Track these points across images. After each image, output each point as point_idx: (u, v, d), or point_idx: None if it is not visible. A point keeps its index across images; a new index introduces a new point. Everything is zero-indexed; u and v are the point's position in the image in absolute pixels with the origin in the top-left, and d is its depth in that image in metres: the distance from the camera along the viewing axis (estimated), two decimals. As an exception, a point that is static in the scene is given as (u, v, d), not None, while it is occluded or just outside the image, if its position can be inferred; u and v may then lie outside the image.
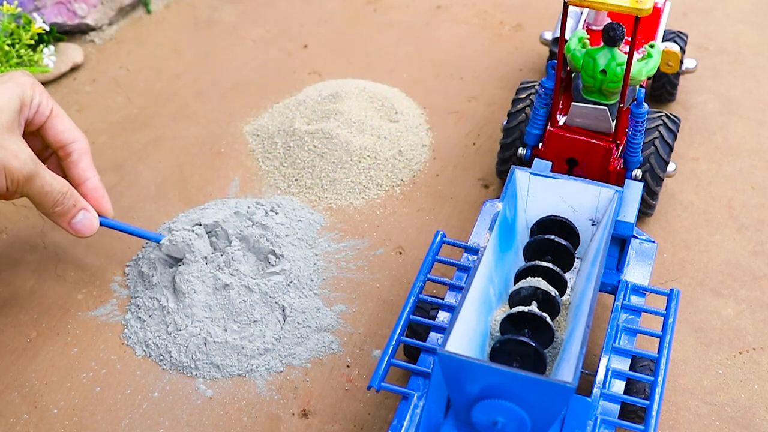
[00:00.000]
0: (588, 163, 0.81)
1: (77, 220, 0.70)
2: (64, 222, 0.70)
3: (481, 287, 0.63)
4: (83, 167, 0.73)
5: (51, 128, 0.70)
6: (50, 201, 0.67)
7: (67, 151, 0.72)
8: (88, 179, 0.73)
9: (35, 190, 0.66)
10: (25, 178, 0.64)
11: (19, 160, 0.63)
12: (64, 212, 0.69)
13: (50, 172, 0.67)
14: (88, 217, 0.71)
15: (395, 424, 0.61)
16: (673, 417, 0.71)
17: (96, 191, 0.74)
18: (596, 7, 0.71)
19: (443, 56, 1.11)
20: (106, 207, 0.75)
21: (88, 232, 0.71)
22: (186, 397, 0.72)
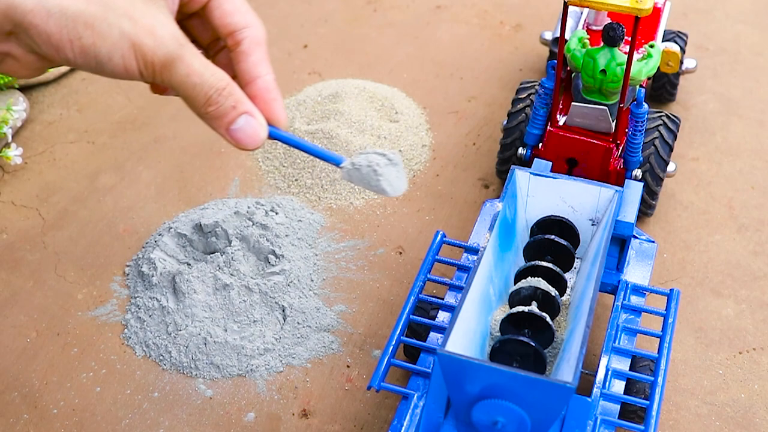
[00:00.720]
0: (588, 163, 0.81)
1: (237, 125, 0.52)
2: (221, 127, 0.52)
3: (481, 287, 0.63)
4: (254, 60, 0.54)
5: (217, 8, 0.54)
6: (201, 96, 0.50)
7: (236, 39, 0.54)
8: (259, 77, 0.55)
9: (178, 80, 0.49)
10: (162, 61, 0.48)
11: (154, 37, 0.47)
12: (219, 114, 0.52)
13: (202, 59, 0.50)
14: (251, 124, 0.52)
15: (395, 424, 0.61)
16: (673, 417, 0.71)
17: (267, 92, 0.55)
18: (596, 7, 0.71)
19: (443, 56, 1.11)
20: (278, 114, 0.55)
21: (251, 142, 0.53)
22: (186, 397, 0.72)
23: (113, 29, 0.46)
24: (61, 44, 0.46)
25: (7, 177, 0.94)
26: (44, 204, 0.91)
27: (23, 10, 0.44)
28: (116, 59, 0.47)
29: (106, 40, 0.46)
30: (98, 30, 0.46)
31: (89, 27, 0.46)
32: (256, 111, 0.53)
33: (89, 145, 0.98)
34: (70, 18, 0.45)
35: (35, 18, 0.44)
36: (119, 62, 0.47)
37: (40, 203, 0.91)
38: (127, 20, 0.47)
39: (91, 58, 0.47)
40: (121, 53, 0.47)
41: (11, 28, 0.45)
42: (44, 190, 0.92)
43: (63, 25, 0.45)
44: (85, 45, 0.46)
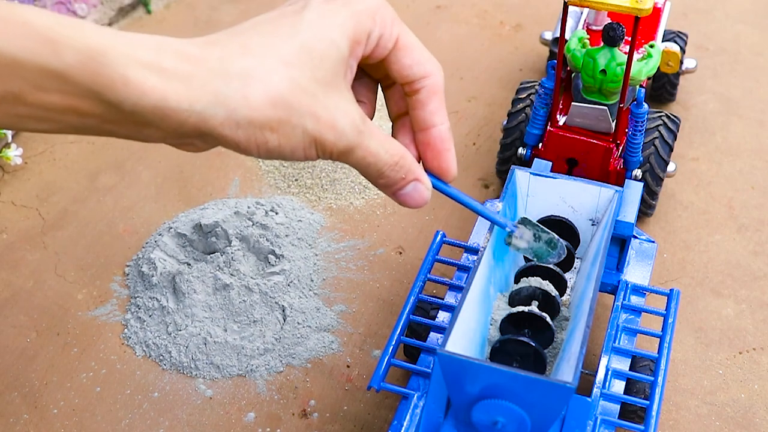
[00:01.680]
0: (588, 163, 0.81)
1: (405, 192, 0.55)
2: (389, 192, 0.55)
3: (481, 287, 0.63)
4: (430, 110, 0.55)
5: (395, 62, 0.54)
6: (374, 172, 0.53)
7: (413, 88, 0.55)
8: (434, 126, 0.56)
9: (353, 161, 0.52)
10: (341, 151, 0.50)
11: (335, 131, 0.49)
12: (389, 184, 0.54)
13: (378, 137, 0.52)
14: (418, 189, 0.55)
15: (395, 424, 0.61)
16: (673, 417, 0.71)
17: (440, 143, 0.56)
18: (596, 7, 0.71)
19: (443, 56, 1.11)
20: (447, 165, 0.57)
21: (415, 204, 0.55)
22: (186, 397, 0.72)
23: (297, 130, 0.48)
24: (248, 149, 0.48)
25: (7, 177, 0.94)
26: (44, 204, 0.91)
27: (212, 124, 0.45)
28: (298, 153, 0.49)
29: (290, 140, 0.48)
30: (283, 133, 0.47)
31: (275, 131, 0.47)
32: (424, 176, 0.55)
33: (89, 145, 0.98)
34: (258, 127, 0.47)
35: (224, 130, 0.46)
36: (301, 154, 0.49)
37: (40, 203, 0.91)
38: (310, 118, 0.48)
39: (274, 154, 0.49)
40: (303, 148, 0.49)
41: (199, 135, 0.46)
42: (44, 190, 0.92)
43: (251, 134, 0.47)
44: (271, 147, 0.48)
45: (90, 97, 0.42)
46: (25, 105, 0.41)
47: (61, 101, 0.42)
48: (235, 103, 0.45)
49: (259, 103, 0.46)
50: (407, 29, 0.55)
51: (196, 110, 0.44)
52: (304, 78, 0.47)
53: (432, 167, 0.56)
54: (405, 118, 0.56)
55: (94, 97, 0.42)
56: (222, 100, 0.45)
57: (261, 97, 0.46)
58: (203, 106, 0.44)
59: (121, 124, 0.44)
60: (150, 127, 0.45)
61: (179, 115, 0.44)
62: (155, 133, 0.46)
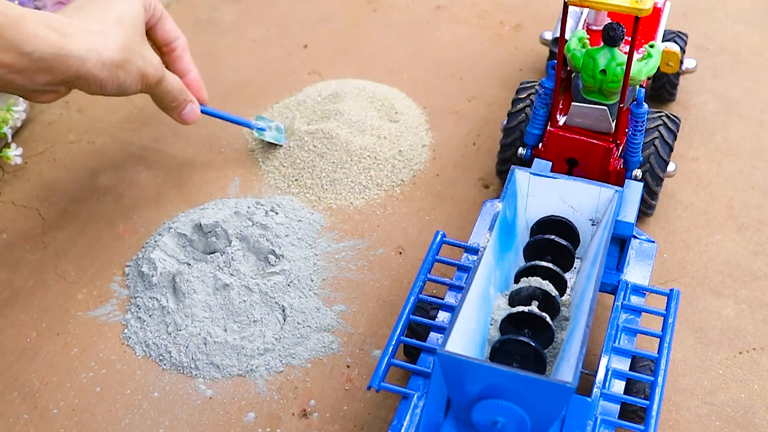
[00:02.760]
0: (588, 163, 0.81)
1: (186, 111, 0.81)
2: (175, 114, 0.81)
3: (481, 287, 0.63)
4: (186, 60, 0.84)
5: (160, 29, 0.80)
6: (170, 98, 0.78)
7: (171, 47, 0.82)
8: (190, 71, 0.84)
9: (160, 91, 0.76)
10: (157, 81, 0.74)
11: (153, 66, 0.73)
12: (177, 106, 0.80)
13: (169, 73, 0.77)
14: (193, 108, 0.82)
15: (395, 424, 0.61)
16: (673, 417, 0.71)
17: (197, 81, 0.85)
18: (596, 7, 0.71)
19: (443, 56, 1.11)
20: (203, 95, 0.86)
21: (192, 120, 0.83)
22: (186, 397, 0.72)
23: (134, 67, 0.72)
24: (105, 84, 0.70)
25: (7, 177, 0.94)
26: (44, 204, 0.91)
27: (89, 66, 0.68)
28: (133, 86, 0.73)
29: (129, 74, 0.72)
30: (127, 69, 0.71)
31: (122, 69, 0.71)
32: (194, 98, 0.83)
33: (89, 145, 0.98)
34: (115, 66, 0.70)
35: (95, 69, 0.68)
36: (134, 87, 0.74)
37: (40, 203, 0.91)
38: (140, 58, 0.73)
39: (120, 89, 0.72)
40: (136, 80, 0.73)
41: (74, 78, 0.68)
42: (44, 190, 0.92)
43: (110, 71, 0.70)
44: (120, 81, 0.71)
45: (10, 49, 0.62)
46: None
47: None
48: (101, 49, 0.68)
49: (115, 49, 0.69)
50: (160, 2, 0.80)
51: (80, 56, 0.66)
52: (131, 32, 0.71)
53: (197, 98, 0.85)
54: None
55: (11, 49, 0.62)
56: (93, 48, 0.68)
57: (115, 45, 0.69)
58: (84, 52, 0.67)
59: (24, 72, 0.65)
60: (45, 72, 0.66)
61: (69, 60, 0.66)
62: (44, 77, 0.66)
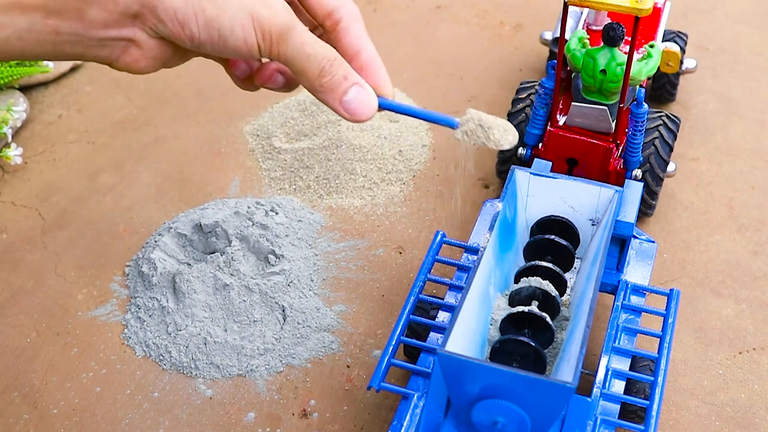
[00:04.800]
0: (588, 163, 0.81)
1: (350, 97, 0.53)
2: (335, 100, 0.53)
3: (481, 287, 0.63)
4: (355, 34, 0.56)
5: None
6: (315, 67, 0.51)
7: (333, 20, 0.56)
8: (363, 49, 0.56)
9: (294, 50, 0.50)
10: (279, 31, 0.50)
11: (269, 8, 0.49)
12: (333, 85, 0.52)
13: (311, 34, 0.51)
14: (363, 94, 0.53)
15: (395, 424, 0.61)
16: (673, 417, 0.71)
17: (372, 62, 0.56)
18: (596, 7, 0.71)
19: (443, 56, 1.11)
20: (384, 83, 0.55)
21: (364, 112, 0.54)
22: (186, 397, 0.72)
23: (232, 1, 0.48)
24: (186, 18, 0.48)
25: (7, 177, 0.94)
26: (44, 204, 0.91)
27: None
28: (237, 30, 0.49)
29: (227, 12, 0.48)
30: (219, 2, 0.48)
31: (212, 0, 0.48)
32: (365, 82, 0.53)
33: (89, 145, 0.98)
34: None
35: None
36: (240, 34, 0.49)
37: (40, 203, 0.91)
38: None
39: (214, 31, 0.49)
40: (241, 24, 0.48)
41: (138, 8, 0.47)
42: (44, 190, 0.92)
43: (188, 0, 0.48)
44: (209, 17, 0.48)
45: None
46: None
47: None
48: None
49: None
50: None
51: None
52: None
53: (373, 86, 0.54)
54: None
55: None
56: None
57: None
58: None
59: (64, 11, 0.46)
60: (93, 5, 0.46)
61: None
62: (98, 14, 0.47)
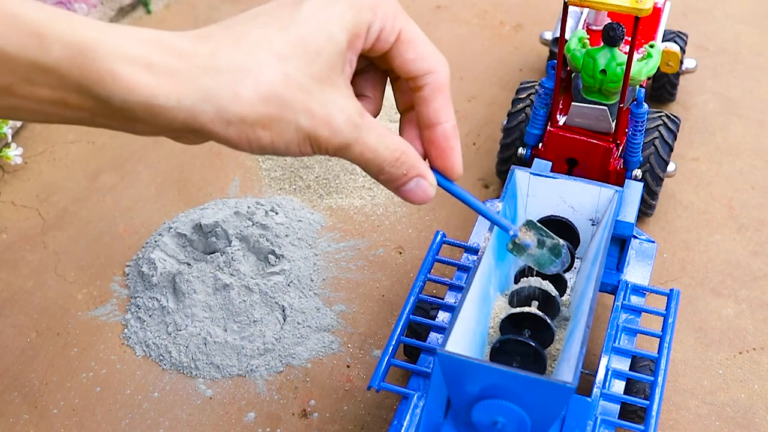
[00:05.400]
0: (588, 163, 0.81)
1: (408, 188, 0.54)
2: (392, 188, 0.54)
3: (481, 287, 0.63)
4: (434, 108, 0.54)
5: (398, 57, 0.52)
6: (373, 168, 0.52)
7: (417, 84, 0.54)
8: (439, 124, 0.55)
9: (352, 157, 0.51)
10: (336, 147, 0.49)
11: (330, 127, 0.48)
12: (391, 180, 0.53)
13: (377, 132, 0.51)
14: (421, 186, 0.54)
15: (395, 424, 0.61)
16: (673, 417, 0.71)
17: (445, 141, 0.55)
18: (596, 7, 0.71)
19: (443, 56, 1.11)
20: (451, 164, 0.55)
21: (420, 201, 0.54)
22: (186, 397, 0.72)
23: (290, 126, 0.47)
24: (239, 145, 0.47)
25: (7, 177, 0.94)
26: (44, 204, 0.91)
27: (202, 121, 0.44)
28: (293, 148, 0.48)
29: (283, 137, 0.47)
30: (276, 129, 0.47)
31: (267, 128, 0.46)
32: (428, 171, 0.54)
33: (89, 145, 0.98)
34: (249, 125, 0.46)
35: (215, 126, 0.45)
36: (295, 150, 0.48)
37: (40, 203, 0.91)
38: (304, 115, 0.47)
39: (268, 150, 0.48)
40: (298, 144, 0.48)
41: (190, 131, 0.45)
42: (44, 190, 0.92)
43: (242, 131, 0.46)
44: (263, 144, 0.47)
45: (79, 92, 0.42)
46: (16, 97, 0.41)
47: (50, 95, 0.41)
48: (225, 99, 0.44)
49: (250, 99, 0.45)
50: (412, 22, 0.53)
51: (184, 107, 0.43)
52: (298, 73, 0.46)
53: (437, 165, 0.54)
54: (413, 111, 0.55)
55: (83, 92, 0.42)
56: (211, 96, 0.44)
57: (252, 94, 0.45)
58: (192, 102, 0.43)
59: (111, 118, 0.44)
60: (140, 122, 0.44)
61: (168, 111, 0.43)
62: (147, 128, 0.45)
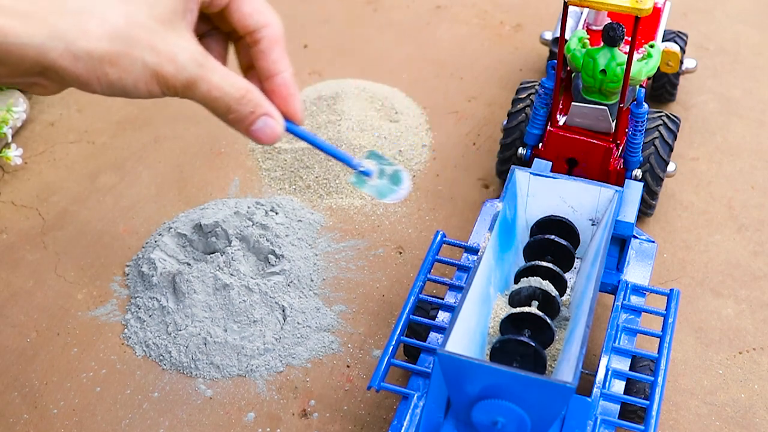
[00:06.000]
0: (588, 163, 0.81)
1: (256, 127, 0.57)
2: (242, 128, 0.58)
3: (481, 287, 0.63)
4: (273, 59, 0.60)
5: (236, 11, 0.58)
6: (222, 107, 0.56)
7: (254, 38, 0.59)
8: (278, 73, 0.60)
9: (200, 96, 0.54)
10: (184, 84, 0.53)
11: (175, 64, 0.52)
12: (239, 119, 0.57)
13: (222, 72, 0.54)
14: (269, 124, 0.58)
15: (395, 424, 0.61)
16: (673, 417, 0.71)
17: (285, 88, 0.60)
18: (596, 7, 0.71)
19: (443, 56, 1.11)
20: (294, 109, 0.60)
21: (269, 140, 0.58)
22: (186, 397, 0.72)
23: (136, 62, 0.50)
24: (89, 82, 0.49)
25: (7, 177, 0.94)
26: (44, 204, 0.91)
27: (52, 57, 0.47)
28: (141, 87, 0.51)
29: (130, 74, 0.50)
30: (122, 66, 0.50)
31: (114, 65, 0.49)
32: (275, 111, 0.57)
33: (89, 145, 0.98)
34: (96, 59, 0.49)
35: (64, 62, 0.48)
36: (143, 89, 0.51)
37: (40, 203, 0.91)
38: (149, 52, 0.50)
39: (117, 89, 0.51)
40: (145, 81, 0.51)
41: (41, 69, 0.48)
42: (44, 190, 0.92)
43: (90, 66, 0.49)
44: (112, 80, 0.50)
45: None
46: None
47: None
48: (72, 35, 0.48)
49: (97, 35, 0.48)
50: None
51: (35, 44, 0.47)
52: (140, 14, 0.50)
53: (282, 112, 0.58)
54: (253, 70, 0.59)
55: None
56: (60, 33, 0.47)
57: (98, 31, 0.48)
58: (42, 39, 0.47)
59: None
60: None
61: (19, 49, 0.47)
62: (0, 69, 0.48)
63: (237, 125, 0.57)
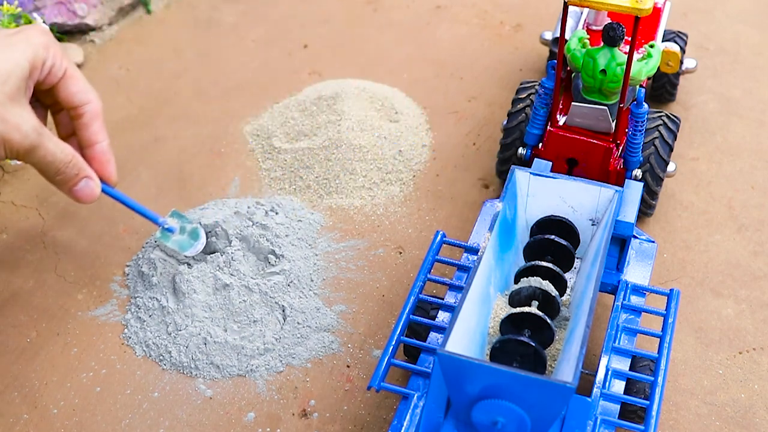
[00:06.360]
0: (588, 163, 0.81)
1: (78, 187, 0.69)
2: (65, 189, 0.69)
3: (481, 287, 0.63)
4: (93, 131, 0.71)
5: (63, 90, 0.69)
6: (52, 170, 0.67)
7: (78, 113, 0.70)
8: (97, 143, 0.72)
9: (36, 160, 0.65)
10: (26, 150, 0.64)
11: (20, 132, 0.63)
12: (65, 180, 0.68)
13: (54, 140, 0.66)
14: (89, 185, 0.70)
15: (395, 424, 0.61)
16: (673, 417, 0.71)
17: (102, 155, 0.72)
18: (596, 7, 0.71)
19: (443, 56, 1.11)
20: (109, 173, 0.72)
21: (88, 199, 0.70)
22: (186, 397, 0.72)
23: None
24: None
25: (7, 177, 0.94)
26: (44, 204, 0.91)
27: None
28: None
29: None
30: None
31: None
32: (93, 174, 0.70)
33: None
34: None
35: None
36: None
37: (40, 203, 0.91)
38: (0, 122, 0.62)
39: None
40: None
41: None
42: (44, 190, 0.92)
43: None
44: None
45: None
46: None
47: None
48: None
49: None
50: (73, 64, 0.70)
51: None
52: None
53: (99, 175, 0.71)
54: (72, 138, 0.71)
55: None
56: None
57: None
58: None
59: None
60: None
61: None
62: None
63: (62, 186, 0.68)
